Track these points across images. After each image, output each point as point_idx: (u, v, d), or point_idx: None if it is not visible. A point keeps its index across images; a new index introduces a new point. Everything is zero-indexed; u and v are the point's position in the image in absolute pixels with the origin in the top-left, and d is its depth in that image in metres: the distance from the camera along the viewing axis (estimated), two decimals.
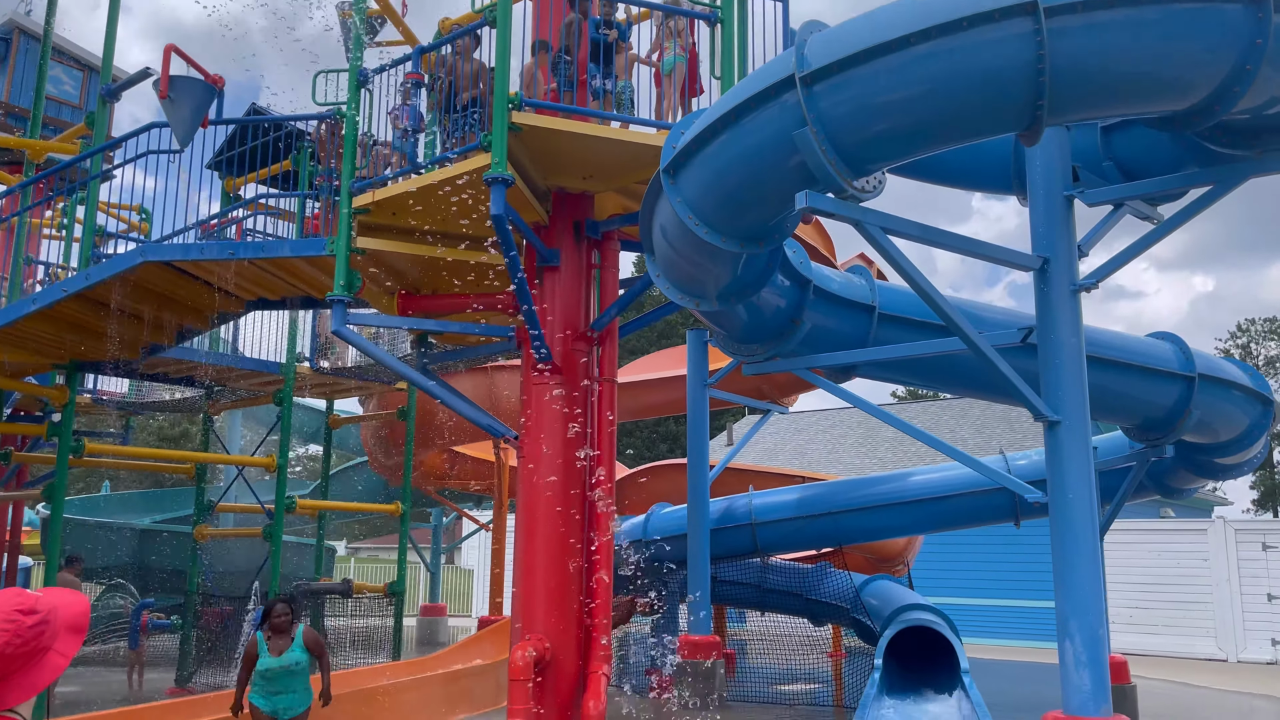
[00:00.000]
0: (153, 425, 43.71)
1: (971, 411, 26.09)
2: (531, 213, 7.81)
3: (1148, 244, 6.10)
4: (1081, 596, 5.77)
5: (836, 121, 4.89)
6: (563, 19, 7.75)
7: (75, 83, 14.42)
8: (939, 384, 8.83)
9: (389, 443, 15.25)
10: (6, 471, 13.34)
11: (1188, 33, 4.60)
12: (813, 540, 11.95)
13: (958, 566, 20.16)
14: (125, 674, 13.05)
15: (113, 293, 8.75)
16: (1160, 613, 18.70)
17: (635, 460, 34.01)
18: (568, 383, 7.76)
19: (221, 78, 8.46)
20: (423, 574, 25.06)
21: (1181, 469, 10.09)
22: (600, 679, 7.50)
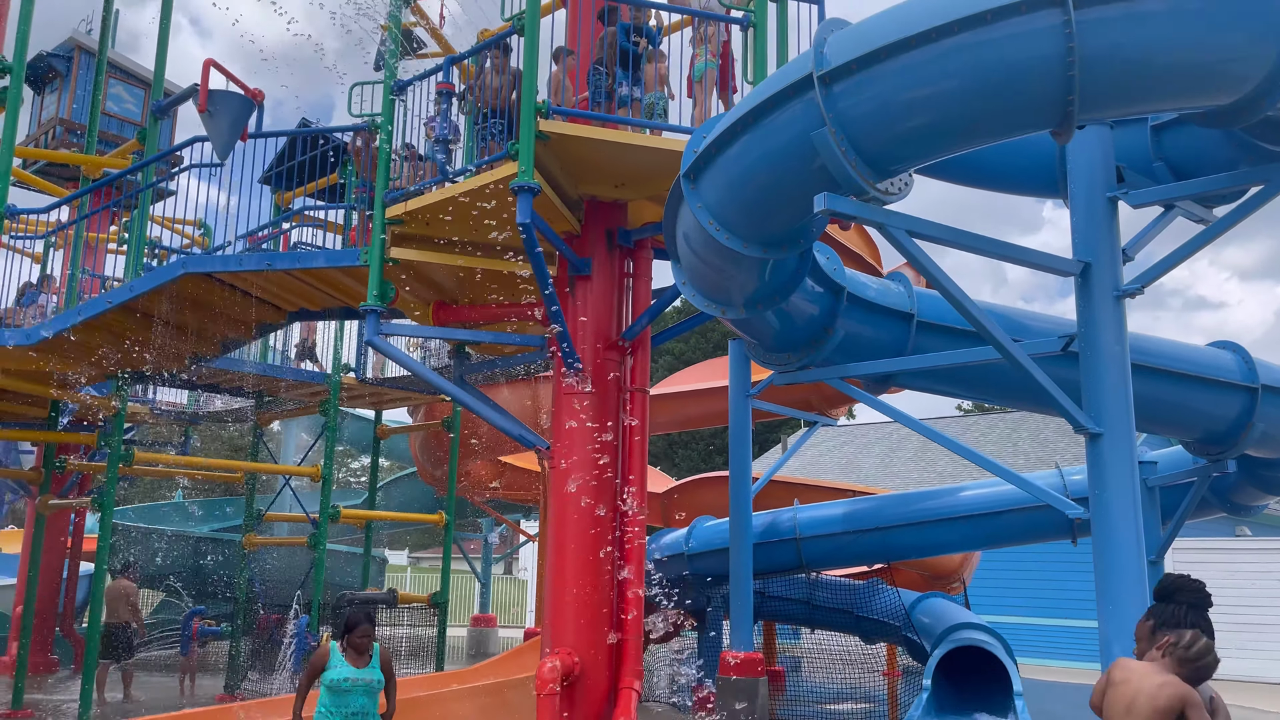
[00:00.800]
0: (224, 436, 44.68)
1: (1035, 425, 25.39)
2: (563, 222, 7.76)
3: (1196, 247, 5.78)
4: (1126, 619, 5.45)
5: (857, 121, 4.72)
6: (600, 33, 7.69)
7: (137, 100, 14.83)
8: (980, 394, 8.53)
9: (436, 453, 15.32)
10: (66, 481, 13.71)
11: (1229, 23, 4.33)
12: (860, 556, 11.65)
13: (1017, 585, 19.58)
14: (176, 679, 13.27)
15: (156, 304, 8.90)
16: (1233, 635, 17.87)
17: (691, 472, 33.81)
18: (599, 393, 7.68)
19: (261, 91, 8.57)
20: (476, 584, 25.16)
21: (1247, 485, 9.62)
22: (630, 694, 7.37)
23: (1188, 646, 3.65)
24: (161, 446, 16.48)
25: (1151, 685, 3.56)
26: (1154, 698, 3.52)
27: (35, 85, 14.61)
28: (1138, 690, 3.59)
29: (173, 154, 10.22)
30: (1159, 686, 3.53)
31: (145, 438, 16.62)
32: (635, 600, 7.56)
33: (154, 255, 11.06)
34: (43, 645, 14.16)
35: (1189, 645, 3.65)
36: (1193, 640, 3.65)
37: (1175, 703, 3.47)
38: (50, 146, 14.02)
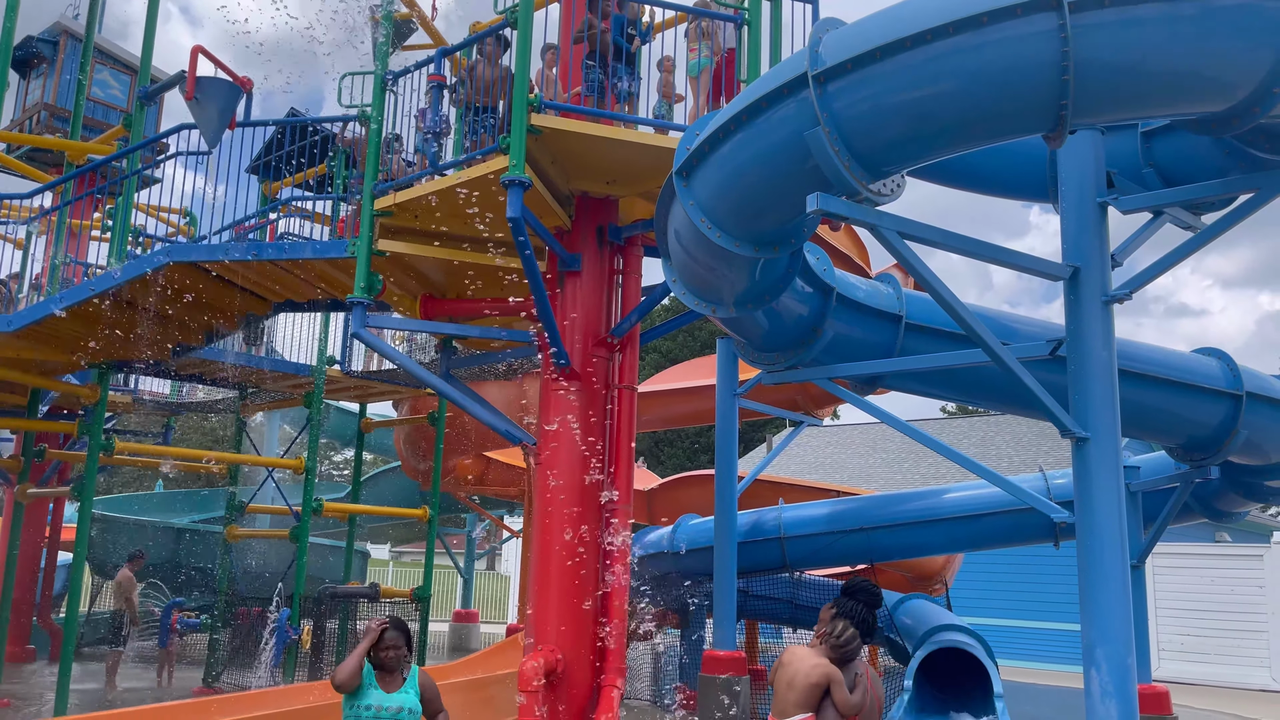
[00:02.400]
0: (205, 426, 44.44)
1: (1019, 428, 25.52)
2: (553, 217, 7.72)
3: (1184, 254, 5.80)
4: (1109, 623, 5.47)
5: (850, 122, 4.70)
6: (583, 23, 7.65)
7: (123, 86, 14.69)
8: (968, 397, 8.53)
9: (420, 447, 15.25)
10: (46, 469, 13.58)
11: (1223, 30, 4.34)
12: (844, 556, 11.66)
13: (1000, 587, 19.67)
14: (155, 671, 13.17)
15: (140, 293, 8.82)
16: (1212, 640, 18.03)
17: (676, 470, 33.81)
18: (586, 389, 7.65)
19: (249, 80, 8.49)
20: (459, 580, 25.11)
21: (1229, 492, 9.67)
22: (612, 692, 7.35)
23: (838, 636, 4.71)
24: (142, 437, 16.36)
25: (807, 666, 4.63)
26: (808, 675, 4.59)
27: (21, 70, 14.46)
28: (797, 670, 4.65)
29: (159, 141, 10.11)
30: (813, 667, 4.61)
31: (127, 427, 16.50)
32: (619, 597, 7.54)
33: (138, 243, 10.95)
34: (20, 635, 14.04)
35: (839, 634, 4.71)
36: (843, 630, 4.70)
37: (823, 679, 4.59)
38: (35, 132, 13.88)
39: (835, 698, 4.52)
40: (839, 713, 4.52)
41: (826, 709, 4.50)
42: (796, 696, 4.56)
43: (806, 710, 4.54)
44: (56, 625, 14.77)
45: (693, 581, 12.23)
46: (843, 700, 4.52)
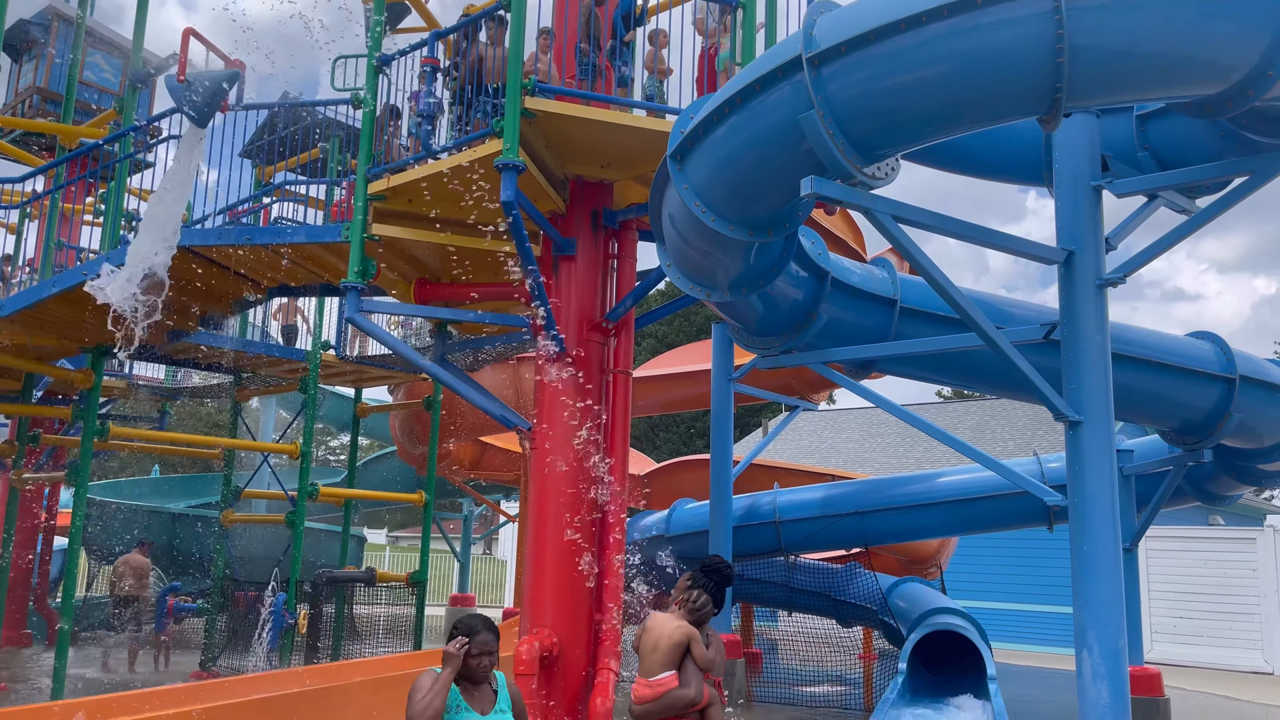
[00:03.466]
0: (201, 412, 44.42)
1: (1013, 412, 25.56)
2: (548, 201, 7.69)
3: (1179, 237, 5.81)
4: (1101, 605, 5.51)
5: (845, 105, 4.69)
6: (580, 8, 7.61)
7: (115, 70, 14.59)
8: (963, 381, 8.55)
9: (416, 432, 15.25)
10: (41, 454, 13.57)
11: (1218, 12, 4.33)
12: (838, 540, 11.72)
13: (994, 570, 19.75)
14: (151, 656, 13.20)
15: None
16: (1204, 623, 18.13)
17: (671, 455, 33.86)
18: (581, 374, 7.64)
19: (242, 63, 8.43)
20: (456, 564, 25.16)
21: (1222, 474, 9.71)
22: (609, 675, 7.38)
23: (694, 600, 5.34)
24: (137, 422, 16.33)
25: (670, 628, 5.23)
26: (671, 636, 5.18)
27: (12, 53, 14.35)
28: (661, 633, 5.22)
29: (151, 125, 10.06)
30: (675, 628, 5.22)
31: (123, 412, 16.47)
32: (615, 580, 7.56)
33: (131, 227, 10.91)
34: (16, 620, 14.06)
35: (695, 599, 5.34)
36: (698, 597, 5.33)
37: (684, 638, 5.18)
38: (27, 115, 13.80)
39: (694, 653, 5.17)
40: (698, 667, 5.17)
41: (687, 665, 5.16)
42: (662, 656, 5.15)
43: (671, 668, 5.14)
44: (53, 610, 14.80)
45: (688, 565, 12.26)
46: (701, 655, 5.17)
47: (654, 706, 5.09)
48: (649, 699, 5.11)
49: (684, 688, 5.10)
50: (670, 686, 5.10)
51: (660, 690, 5.10)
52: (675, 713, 5.11)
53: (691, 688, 5.12)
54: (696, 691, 5.13)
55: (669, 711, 5.10)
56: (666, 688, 5.10)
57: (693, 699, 5.11)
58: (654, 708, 5.09)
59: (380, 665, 10.61)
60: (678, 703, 5.08)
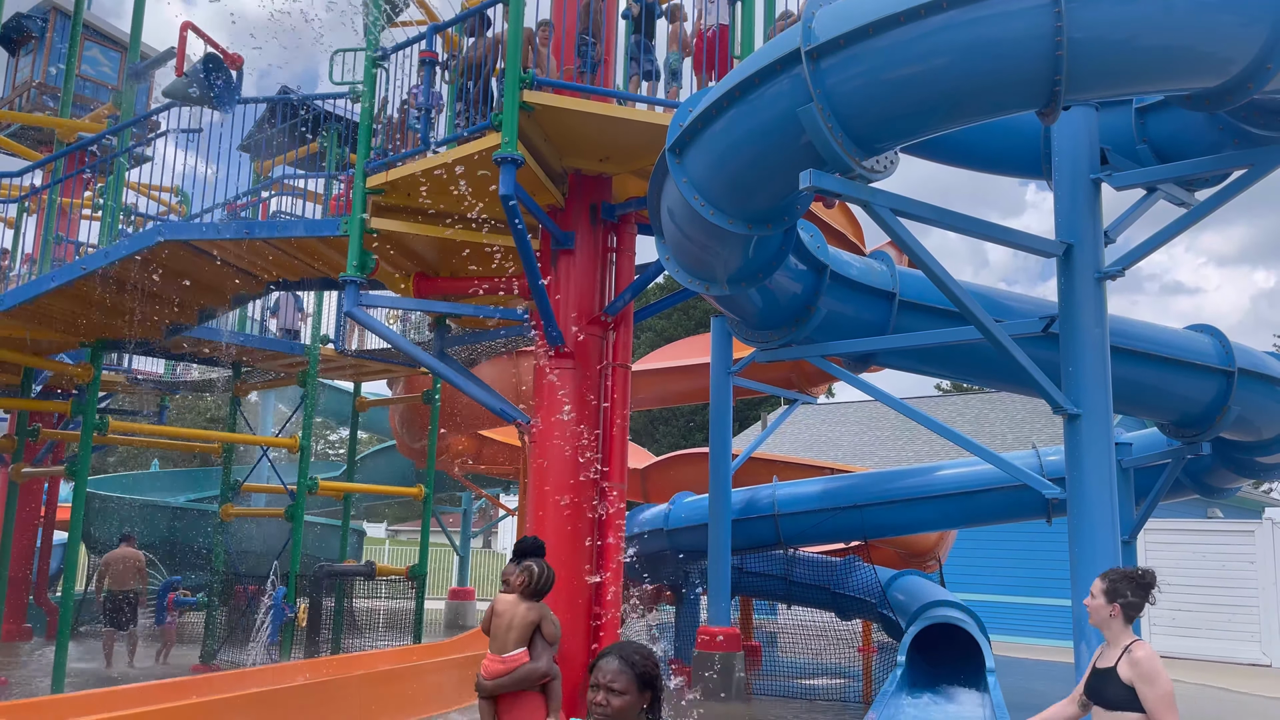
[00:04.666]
0: (200, 406, 44.43)
1: (1012, 405, 25.56)
2: (547, 195, 7.68)
3: (1178, 229, 5.81)
4: None
5: (843, 98, 4.69)
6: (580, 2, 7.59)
7: (113, 64, 14.57)
8: (961, 374, 8.56)
9: (415, 426, 15.25)
10: (40, 449, 13.57)
11: (1217, 5, 4.33)
12: (837, 533, 11.72)
13: (992, 563, 19.78)
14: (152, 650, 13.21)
15: (132, 272, 8.78)
16: (1203, 615, 18.16)
17: (671, 448, 33.87)
18: (580, 367, 7.64)
19: (240, 56, 8.42)
20: (455, 557, 25.18)
21: (1220, 467, 9.72)
22: None
23: (538, 578, 5.73)
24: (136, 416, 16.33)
25: (523, 609, 5.66)
26: (525, 616, 5.63)
27: (10, 47, 14.32)
28: (514, 614, 5.64)
29: (149, 119, 10.04)
30: (528, 609, 5.67)
31: (122, 406, 16.47)
32: (614, 574, 7.57)
33: (130, 222, 10.90)
34: (16, 614, 14.07)
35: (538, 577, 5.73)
36: (538, 577, 5.73)
37: (537, 617, 5.65)
38: (24, 109, 13.77)
39: (545, 632, 5.66)
40: (547, 643, 5.67)
41: (537, 642, 5.64)
42: (516, 635, 5.59)
43: (523, 645, 5.60)
44: (53, 604, 14.81)
45: (687, 559, 12.28)
46: (550, 632, 5.69)
47: (507, 680, 5.54)
48: (502, 673, 5.56)
49: (536, 661, 5.60)
50: (523, 661, 5.57)
51: (514, 665, 5.55)
52: (528, 685, 5.58)
53: (543, 661, 5.62)
54: (547, 664, 5.64)
55: (522, 684, 5.56)
56: (519, 662, 5.56)
57: (545, 671, 5.62)
58: (507, 681, 5.54)
59: (380, 659, 10.64)
60: (531, 675, 5.57)
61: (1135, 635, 4.10)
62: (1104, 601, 4.14)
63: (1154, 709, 3.85)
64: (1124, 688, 3.93)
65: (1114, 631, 4.10)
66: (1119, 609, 4.08)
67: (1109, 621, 4.11)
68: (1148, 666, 3.90)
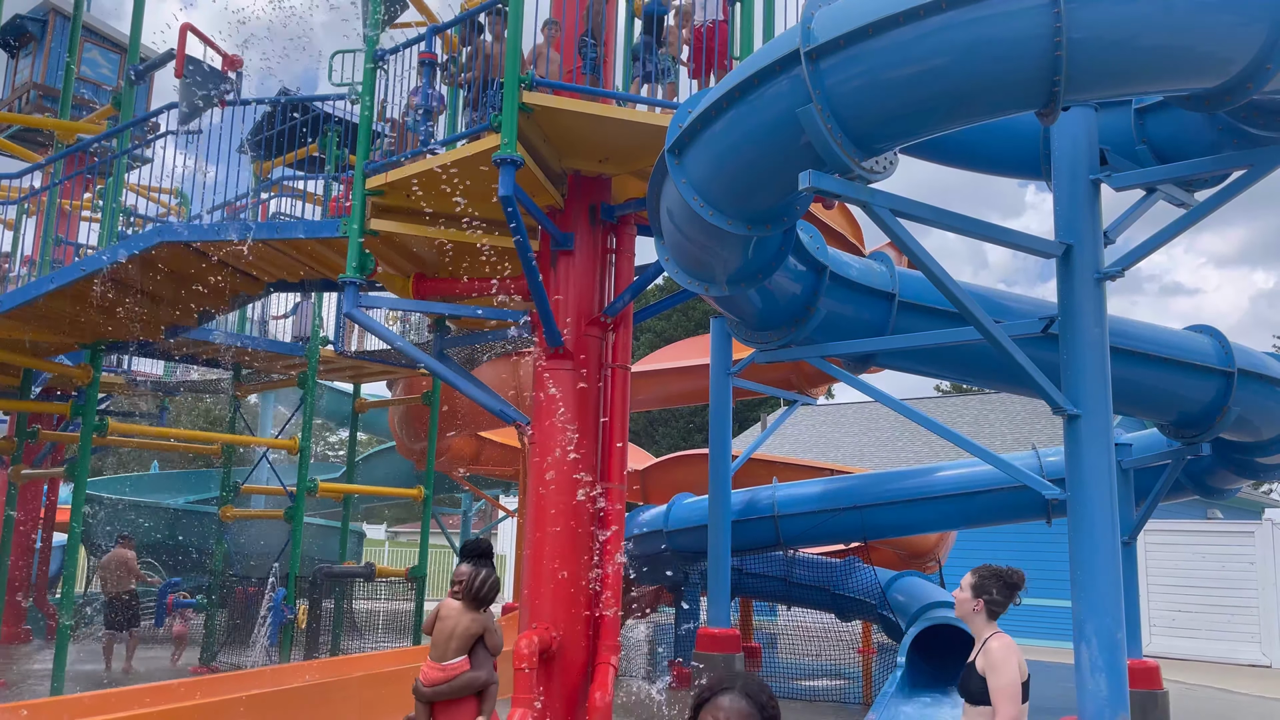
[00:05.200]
0: (200, 408, 44.41)
1: (1012, 406, 25.57)
2: (546, 196, 7.68)
3: (1178, 230, 5.81)
4: (1099, 598, 5.53)
5: (843, 99, 4.68)
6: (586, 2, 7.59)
7: (113, 66, 14.57)
8: (961, 375, 8.55)
9: (415, 427, 15.24)
10: (39, 450, 13.56)
11: (1217, 4, 4.33)
12: (837, 534, 11.72)
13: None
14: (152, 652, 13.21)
15: (132, 273, 8.78)
16: (1203, 616, 18.15)
17: (670, 450, 33.87)
18: (580, 368, 7.63)
19: (240, 58, 8.42)
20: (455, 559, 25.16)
21: (1220, 468, 9.71)
22: (607, 669, 7.38)
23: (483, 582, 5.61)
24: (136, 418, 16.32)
25: (467, 619, 5.55)
26: (468, 627, 5.52)
27: (9, 49, 14.32)
28: (458, 622, 5.54)
29: (149, 120, 10.04)
30: (472, 619, 5.55)
31: (122, 408, 16.46)
32: (614, 576, 7.56)
33: (129, 223, 10.90)
34: (15, 616, 14.06)
35: (479, 585, 5.60)
36: (482, 584, 5.60)
37: (480, 629, 5.55)
38: (24, 111, 13.77)
39: (488, 643, 5.60)
40: (489, 653, 5.62)
41: (478, 650, 5.57)
42: (457, 645, 5.51)
43: (464, 654, 5.52)
44: (53, 606, 14.80)
45: (687, 559, 12.27)
46: (494, 643, 5.63)
47: (446, 689, 5.49)
48: (441, 680, 5.50)
49: (477, 670, 5.55)
50: (463, 670, 5.51)
51: (453, 673, 5.50)
52: (468, 693, 5.53)
53: (484, 671, 5.57)
54: (488, 674, 5.59)
55: (462, 692, 5.51)
56: (458, 671, 5.50)
57: (485, 680, 5.56)
58: (445, 689, 5.49)
59: (379, 660, 10.63)
60: (472, 684, 5.52)
61: (997, 629, 4.13)
62: (970, 595, 4.20)
63: (994, 698, 3.90)
64: (981, 680, 3.97)
65: (977, 626, 4.16)
66: (983, 605, 4.15)
67: (973, 616, 4.18)
68: (996, 657, 3.96)
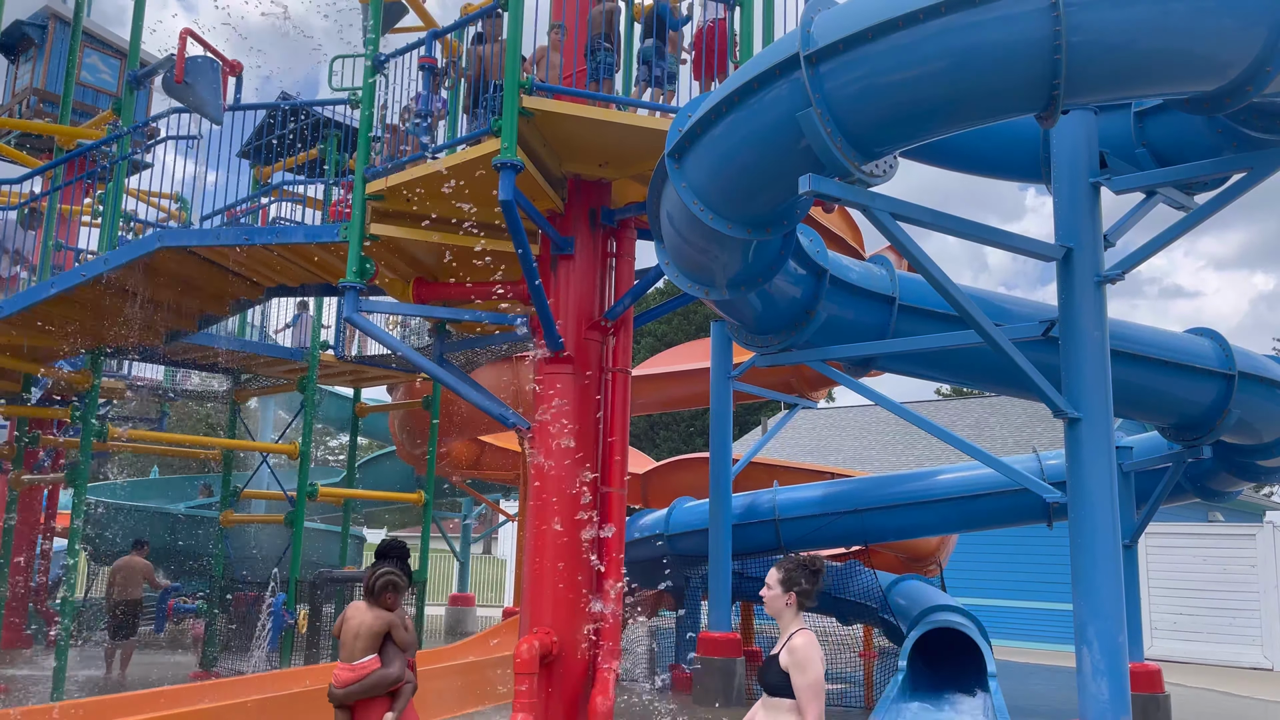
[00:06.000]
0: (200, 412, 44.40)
1: (1012, 410, 25.57)
2: (546, 200, 7.68)
3: (1177, 233, 5.81)
4: (1101, 601, 5.52)
5: (842, 102, 4.69)
6: (597, 6, 7.58)
7: (113, 71, 14.57)
8: (961, 378, 8.56)
9: (415, 432, 15.24)
10: (39, 456, 13.56)
11: (1216, 7, 4.33)
12: (838, 538, 11.72)
13: (993, 567, 19.76)
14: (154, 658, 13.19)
15: (132, 278, 8.78)
16: (1205, 619, 18.14)
17: (671, 453, 33.85)
18: (580, 373, 7.63)
19: (239, 63, 8.42)
20: (455, 563, 25.16)
21: (1221, 471, 9.71)
22: (608, 674, 7.37)
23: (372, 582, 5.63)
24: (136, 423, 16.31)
25: (371, 617, 5.57)
26: (373, 625, 5.54)
27: (9, 54, 14.33)
28: (362, 621, 5.55)
29: (149, 125, 10.05)
30: (376, 617, 5.57)
31: (122, 413, 16.46)
32: (614, 580, 7.55)
33: (129, 229, 10.90)
34: (16, 621, 14.05)
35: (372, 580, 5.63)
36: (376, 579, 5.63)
37: (385, 626, 5.55)
38: (24, 116, 13.78)
39: (396, 638, 5.61)
40: (400, 649, 5.63)
41: (388, 648, 5.58)
42: (364, 643, 5.52)
43: (373, 653, 5.53)
44: (53, 611, 14.78)
45: (688, 563, 12.26)
46: (402, 639, 5.63)
47: (357, 688, 5.48)
48: (351, 681, 5.49)
49: (387, 667, 5.55)
50: (373, 669, 5.52)
51: (363, 673, 5.50)
52: (379, 692, 5.52)
53: (394, 668, 5.58)
54: (399, 671, 5.59)
55: (373, 691, 5.50)
56: (368, 670, 5.51)
57: (396, 677, 5.57)
58: (357, 689, 5.48)
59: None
60: (382, 682, 5.52)
61: (803, 624, 4.13)
62: (780, 591, 4.18)
63: (800, 695, 3.92)
64: (782, 674, 4.00)
65: (786, 620, 4.16)
66: (794, 597, 4.15)
67: (784, 610, 4.16)
68: (801, 654, 3.96)
